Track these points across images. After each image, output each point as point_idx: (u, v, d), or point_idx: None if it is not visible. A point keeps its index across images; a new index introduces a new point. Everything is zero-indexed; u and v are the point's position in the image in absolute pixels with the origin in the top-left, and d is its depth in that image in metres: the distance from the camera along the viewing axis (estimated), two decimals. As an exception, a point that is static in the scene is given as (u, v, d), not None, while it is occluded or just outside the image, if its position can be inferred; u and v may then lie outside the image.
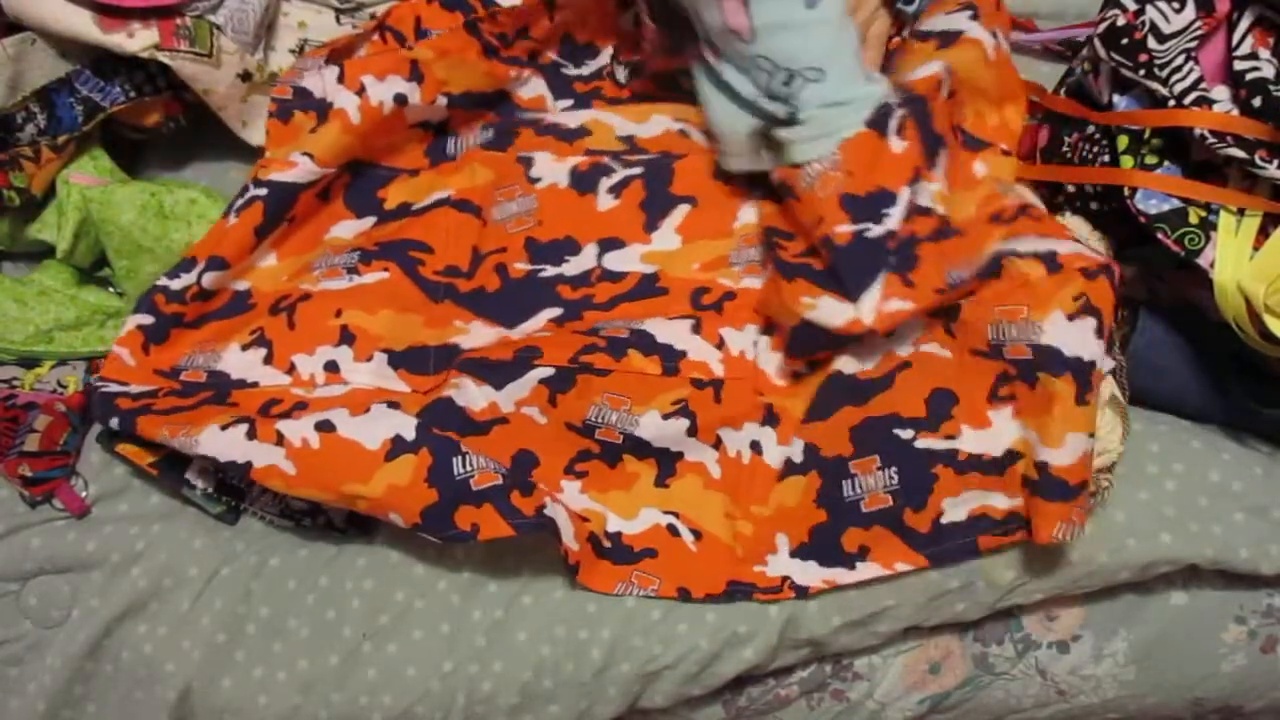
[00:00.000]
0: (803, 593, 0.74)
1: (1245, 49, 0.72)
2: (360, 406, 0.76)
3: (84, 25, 0.81)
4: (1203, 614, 0.77)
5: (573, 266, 0.85)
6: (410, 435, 0.73)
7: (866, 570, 0.73)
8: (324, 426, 0.74)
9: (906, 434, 0.72)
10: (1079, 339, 0.69)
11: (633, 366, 0.78)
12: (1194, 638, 0.77)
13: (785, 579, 0.74)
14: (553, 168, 0.89)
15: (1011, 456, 0.71)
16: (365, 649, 0.77)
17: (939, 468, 0.71)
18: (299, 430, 0.74)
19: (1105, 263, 0.70)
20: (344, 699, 0.76)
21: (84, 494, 0.84)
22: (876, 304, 0.73)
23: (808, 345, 0.76)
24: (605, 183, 0.88)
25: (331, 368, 0.82)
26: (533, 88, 0.94)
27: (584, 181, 0.88)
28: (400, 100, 0.86)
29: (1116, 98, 0.76)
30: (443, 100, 0.88)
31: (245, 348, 0.83)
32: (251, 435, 0.74)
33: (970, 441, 0.71)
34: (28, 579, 0.82)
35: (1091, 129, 0.79)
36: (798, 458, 0.75)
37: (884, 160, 0.76)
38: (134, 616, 0.80)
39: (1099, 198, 0.78)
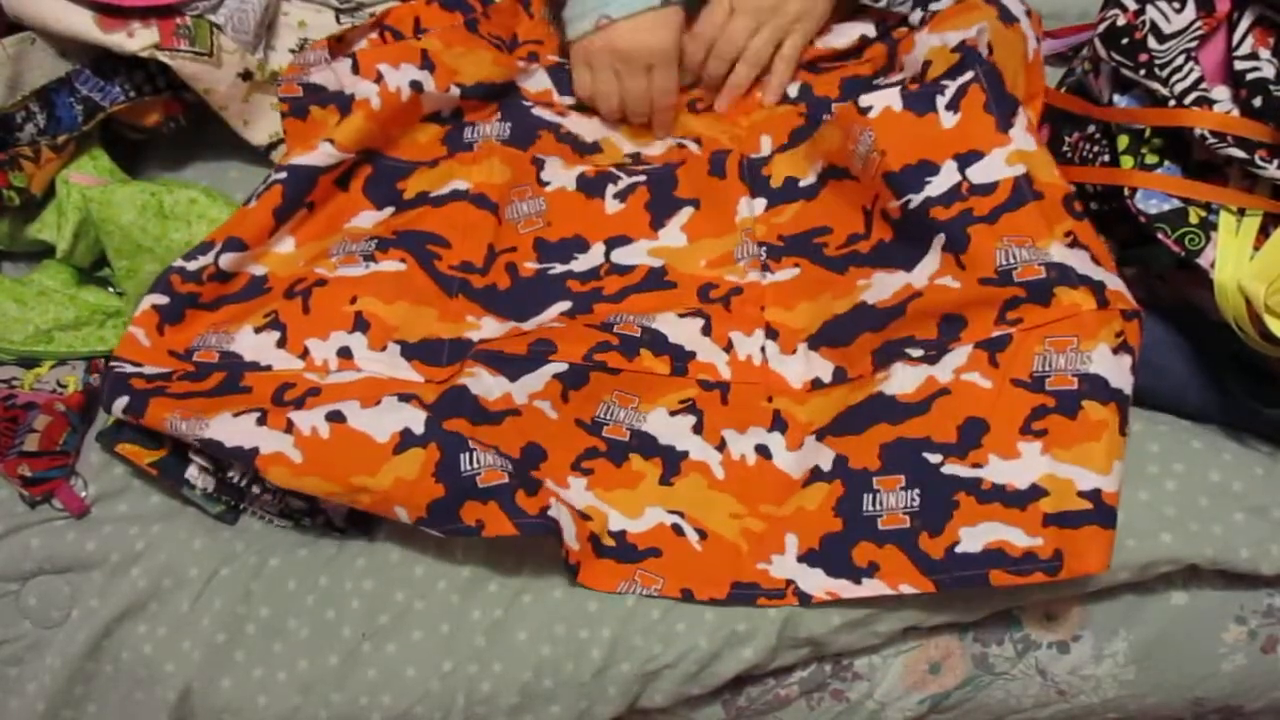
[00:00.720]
0: (806, 600, 0.74)
1: (1245, 49, 0.72)
2: (372, 398, 0.76)
3: (84, 25, 0.81)
4: (1203, 614, 0.76)
5: (582, 263, 0.86)
6: (420, 429, 0.73)
7: (871, 587, 0.72)
8: (334, 417, 0.74)
9: (935, 458, 0.72)
10: (1119, 373, 0.69)
11: (643, 366, 0.79)
12: (1194, 638, 0.77)
13: (790, 583, 0.74)
14: (561, 173, 0.90)
15: (1035, 492, 0.69)
16: (365, 649, 0.77)
17: (961, 495, 0.71)
18: (309, 420, 0.74)
19: (1138, 309, 0.70)
20: (344, 699, 0.76)
21: (83, 494, 0.84)
22: (932, 274, 0.75)
23: (849, 330, 0.78)
24: (611, 189, 0.89)
25: (345, 353, 0.82)
26: (539, 81, 0.94)
27: (591, 186, 0.89)
28: (417, 87, 0.87)
29: (1117, 97, 0.77)
30: (455, 90, 0.89)
31: (259, 330, 0.83)
32: (262, 422, 0.75)
33: (996, 471, 0.70)
34: (27, 579, 0.82)
35: (1091, 128, 0.79)
36: (826, 466, 0.75)
37: (925, 134, 0.77)
38: (134, 617, 0.80)
39: (1099, 197, 0.78)
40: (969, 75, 0.77)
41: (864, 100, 0.80)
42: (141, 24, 0.82)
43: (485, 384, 0.77)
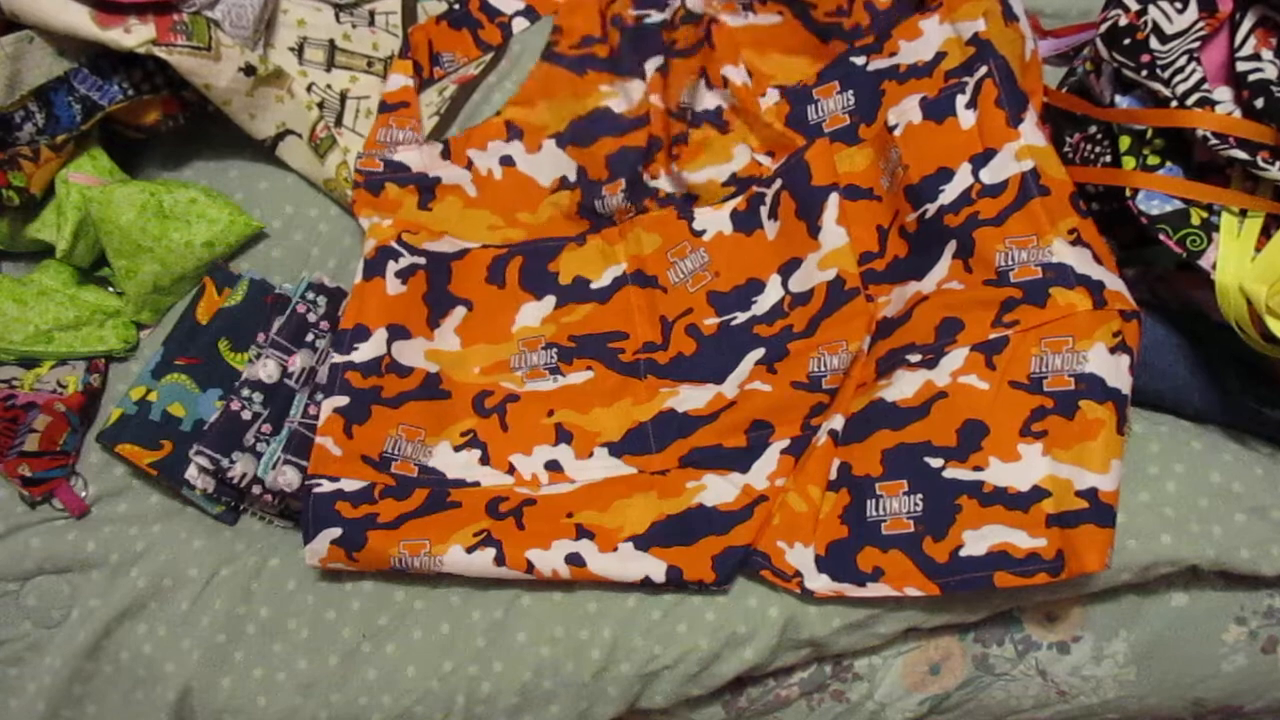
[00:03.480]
0: (808, 595, 0.74)
1: (1248, 50, 0.72)
2: (587, 504, 0.77)
3: (81, 21, 0.81)
4: (1203, 615, 0.77)
5: (761, 305, 0.84)
6: (660, 578, 0.74)
7: (876, 590, 0.72)
8: (574, 560, 0.75)
9: (936, 462, 0.72)
10: (1117, 372, 0.69)
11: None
12: (1194, 638, 0.77)
13: (798, 573, 0.75)
14: (713, 216, 0.87)
15: (1037, 493, 0.69)
16: (365, 649, 0.77)
17: (963, 498, 0.71)
18: (550, 562, 0.75)
19: (1137, 309, 0.71)
20: (343, 699, 0.76)
21: (84, 494, 0.84)
22: (940, 280, 0.75)
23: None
24: (763, 210, 0.85)
25: (554, 467, 0.82)
26: (625, 98, 0.91)
27: (745, 220, 0.86)
28: (508, 161, 0.88)
29: (1118, 98, 0.76)
30: (551, 143, 0.89)
31: (458, 449, 0.82)
32: (500, 562, 0.75)
33: (997, 474, 0.70)
34: (27, 579, 0.82)
35: (1093, 129, 0.79)
36: (833, 475, 0.76)
37: (945, 141, 0.77)
38: (134, 617, 0.80)
39: (1100, 198, 0.78)
40: (983, 70, 0.77)
41: (891, 119, 0.80)
42: (138, 20, 0.82)
43: (719, 490, 0.77)
